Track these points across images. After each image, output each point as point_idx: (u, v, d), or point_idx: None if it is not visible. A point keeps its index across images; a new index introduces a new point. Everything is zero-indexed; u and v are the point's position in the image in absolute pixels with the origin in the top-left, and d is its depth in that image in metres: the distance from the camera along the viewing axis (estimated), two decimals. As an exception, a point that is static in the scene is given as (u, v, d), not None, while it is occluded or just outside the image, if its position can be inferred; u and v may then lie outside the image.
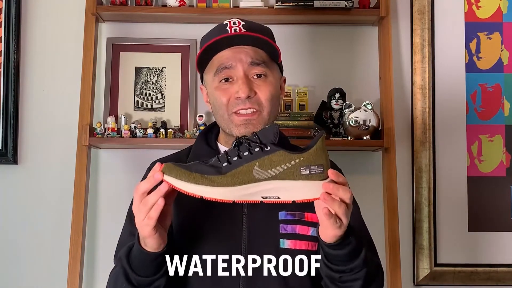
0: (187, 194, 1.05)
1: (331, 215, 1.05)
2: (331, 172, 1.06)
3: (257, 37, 1.26)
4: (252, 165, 1.05)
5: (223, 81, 1.28)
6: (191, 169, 1.06)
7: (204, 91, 1.37)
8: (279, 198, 1.06)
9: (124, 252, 1.19)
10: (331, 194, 1.05)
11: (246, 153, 1.06)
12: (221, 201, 1.05)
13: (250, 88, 1.25)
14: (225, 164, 1.06)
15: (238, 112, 1.26)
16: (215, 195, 1.05)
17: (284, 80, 1.39)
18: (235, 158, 1.06)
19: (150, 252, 1.14)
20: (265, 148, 1.06)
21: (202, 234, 1.25)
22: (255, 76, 1.27)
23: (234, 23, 1.28)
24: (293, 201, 1.07)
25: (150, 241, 1.12)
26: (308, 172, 1.05)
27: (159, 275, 1.17)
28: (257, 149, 1.06)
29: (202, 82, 1.38)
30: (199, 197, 1.05)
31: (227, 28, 1.27)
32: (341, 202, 1.05)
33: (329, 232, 1.10)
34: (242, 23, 1.28)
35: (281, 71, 1.37)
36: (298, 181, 1.05)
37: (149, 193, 1.08)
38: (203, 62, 1.32)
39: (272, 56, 1.31)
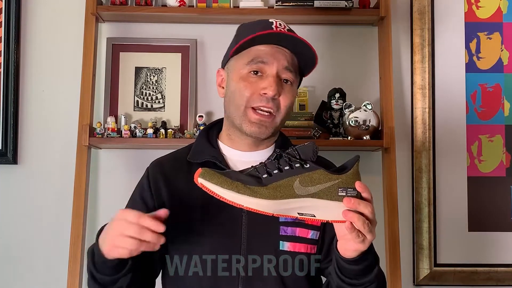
0: (226, 201, 1.05)
1: (354, 228, 1.05)
2: (358, 184, 1.07)
3: (300, 40, 1.26)
4: (293, 180, 1.06)
5: (252, 72, 1.26)
6: (231, 177, 1.06)
7: (222, 75, 1.35)
8: (314, 216, 1.08)
9: (90, 249, 1.18)
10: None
11: (287, 168, 1.07)
12: (261, 212, 1.06)
13: (278, 89, 1.25)
14: (265, 175, 1.07)
15: (256, 108, 1.25)
16: (257, 206, 1.05)
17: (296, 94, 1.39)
18: (276, 171, 1.07)
19: (104, 257, 1.13)
20: (305, 165, 1.07)
21: (202, 236, 1.25)
22: (284, 81, 1.28)
23: (280, 24, 1.28)
24: (327, 221, 1.08)
25: (109, 255, 1.11)
26: (344, 194, 1.06)
27: (120, 274, 1.16)
28: (297, 165, 1.07)
29: (222, 66, 1.36)
30: (238, 206, 1.05)
31: (273, 26, 1.27)
32: (364, 218, 1.05)
33: (350, 246, 1.10)
34: (287, 27, 1.29)
35: (299, 85, 1.38)
36: (334, 201, 1.06)
37: None
38: (237, 49, 1.30)
39: (302, 68, 1.32)
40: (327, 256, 1.28)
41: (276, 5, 1.94)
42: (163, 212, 1.10)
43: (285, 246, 1.25)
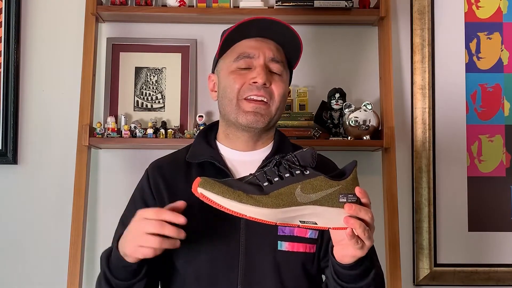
0: (226, 211, 1.04)
1: (354, 235, 1.05)
2: (358, 190, 1.06)
3: (284, 25, 1.27)
4: (294, 187, 1.05)
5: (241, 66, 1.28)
6: (233, 186, 1.05)
7: (213, 80, 1.37)
8: (316, 224, 1.07)
9: (105, 254, 1.20)
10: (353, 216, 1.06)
11: (287, 175, 1.06)
12: (263, 222, 1.05)
13: (268, 77, 1.26)
14: (266, 183, 1.06)
15: (249, 98, 1.26)
16: (259, 215, 1.04)
17: (289, 92, 1.39)
18: (276, 179, 1.06)
19: (125, 261, 1.14)
20: (305, 172, 1.06)
21: (200, 236, 1.24)
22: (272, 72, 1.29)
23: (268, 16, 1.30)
24: (328, 229, 1.08)
25: (132, 256, 1.12)
26: (345, 200, 1.06)
27: (137, 279, 1.17)
28: (297, 172, 1.06)
29: (213, 71, 1.38)
30: (240, 216, 1.04)
31: (254, 18, 1.28)
32: (365, 225, 1.05)
33: (348, 252, 1.10)
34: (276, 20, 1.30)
35: (290, 81, 1.38)
36: (335, 208, 1.06)
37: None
38: (222, 49, 1.31)
39: (289, 58, 1.32)
40: (326, 255, 1.28)
41: (276, 5, 1.94)
42: (181, 203, 1.10)
43: (284, 246, 1.25)
